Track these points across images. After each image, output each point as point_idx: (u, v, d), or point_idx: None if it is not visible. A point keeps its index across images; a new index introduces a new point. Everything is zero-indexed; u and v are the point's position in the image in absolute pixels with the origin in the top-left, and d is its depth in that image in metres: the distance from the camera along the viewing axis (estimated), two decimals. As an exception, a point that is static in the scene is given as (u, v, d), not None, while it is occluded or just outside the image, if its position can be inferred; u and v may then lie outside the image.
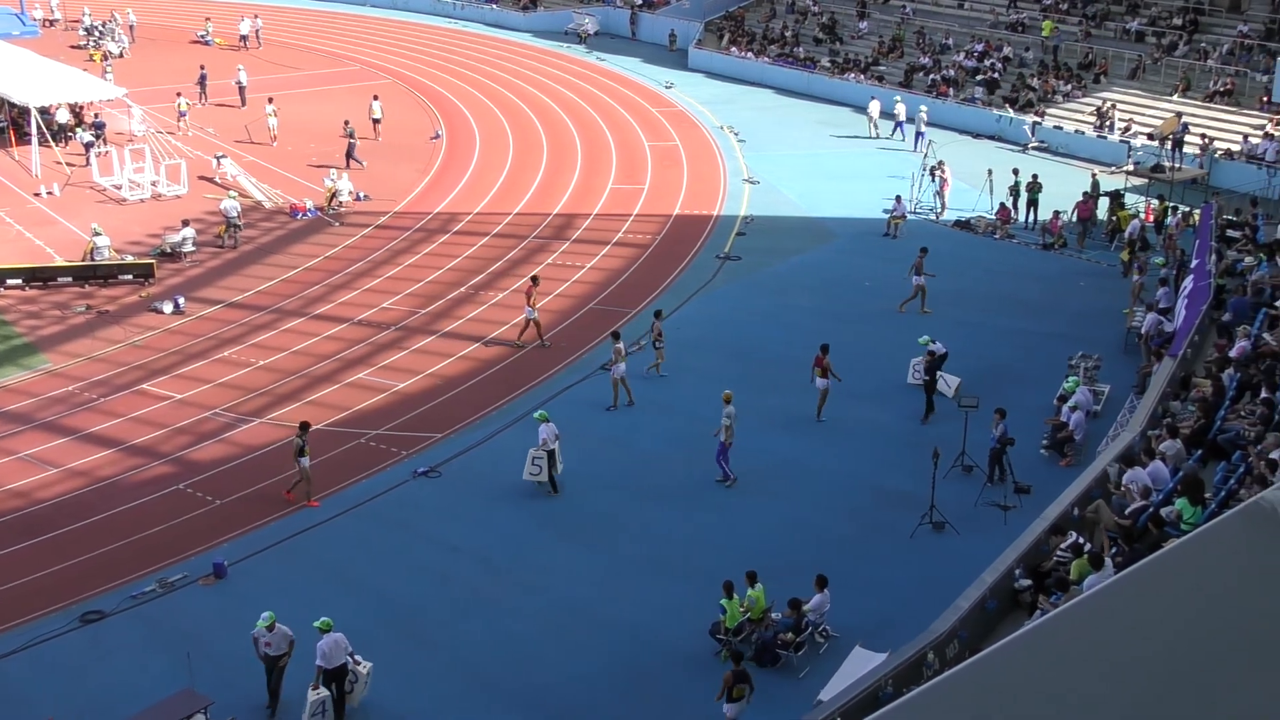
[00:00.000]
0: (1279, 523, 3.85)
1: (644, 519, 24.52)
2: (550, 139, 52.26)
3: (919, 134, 47.91)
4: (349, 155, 46.84)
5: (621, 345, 29.15)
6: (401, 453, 27.05)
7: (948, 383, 28.81)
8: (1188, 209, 39.15)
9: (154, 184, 44.05)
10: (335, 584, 22.45)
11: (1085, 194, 40.12)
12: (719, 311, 34.36)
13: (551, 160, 49.31)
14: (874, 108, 52.30)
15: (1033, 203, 40.85)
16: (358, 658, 19.36)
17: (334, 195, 42.58)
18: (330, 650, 18.82)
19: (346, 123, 48.03)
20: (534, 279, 33.31)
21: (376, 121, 51.60)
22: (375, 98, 52.77)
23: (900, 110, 51.73)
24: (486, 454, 27.05)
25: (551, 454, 25.24)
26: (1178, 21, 54.04)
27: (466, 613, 21.71)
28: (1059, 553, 19.64)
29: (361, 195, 43.60)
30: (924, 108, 49.84)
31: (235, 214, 39.50)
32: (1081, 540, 19.95)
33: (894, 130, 51.63)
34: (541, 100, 58.51)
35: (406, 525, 24.50)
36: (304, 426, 25.35)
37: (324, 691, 18.83)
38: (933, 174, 42.66)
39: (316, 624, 19.11)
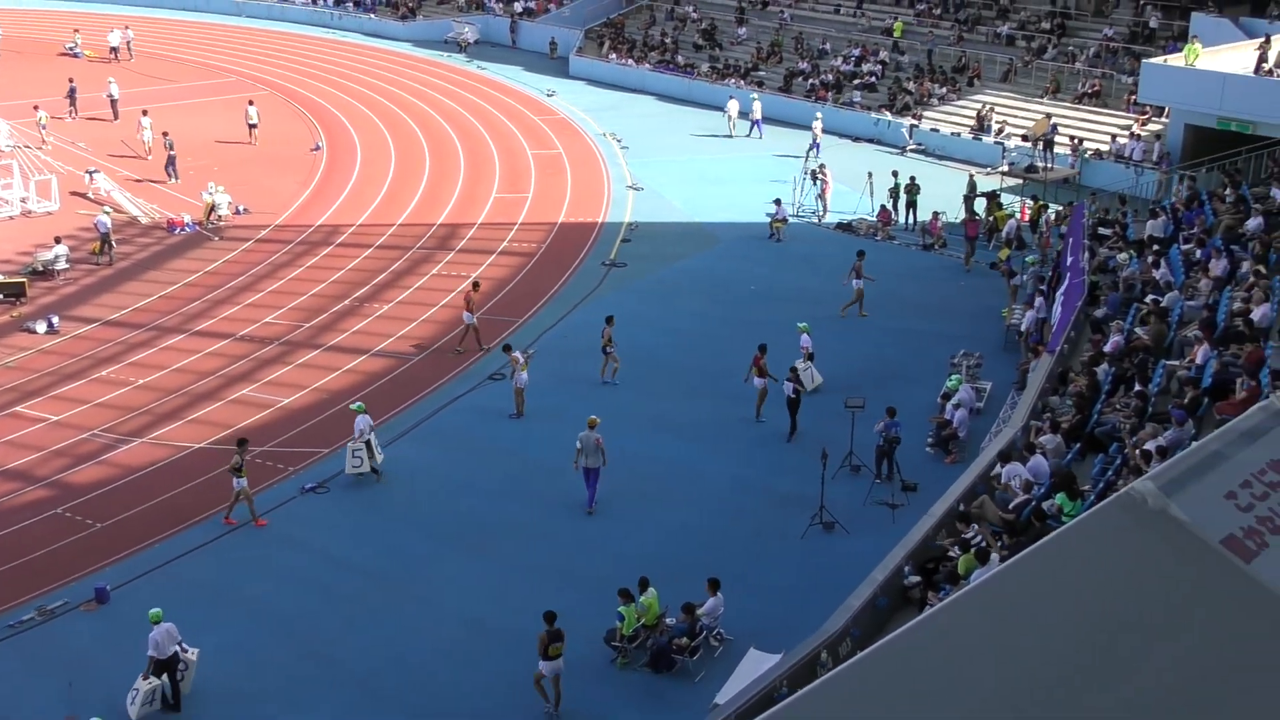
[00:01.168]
0: (1149, 511, 3.96)
1: (535, 528, 24.43)
2: (433, 149, 51.92)
3: (815, 143, 48.23)
4: (168, 166, 46.00)
5: (518, 354, 29.02)
6: (288, 469, 26.65)
7: (813, 377, 29.10)
8: (1060, 207, 40.09)
9: (23, 200, 42.91)
10: (223, 605, 22.06)
11: (969, 207, 40.66)
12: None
13: (434, 170, 48.99)
14: (732, 107, 53.64)
15: (911, 204, 41.51)
16: (185, 645, 19.70)
17: (212, 209, 41.82)
18: (162, 640, 19.21)
19: (165, 134, 46.86)
20: (475, 284, 33.30)
21: (253, 127, 51.07)
22: (250, 103, 52.29)
23: (757, 109, 52.97)
24: (375, 468, 26.80)
25: (369, 444, 25.80)
26: (1046, 26, 55.38)
27: (360, 628, 21.45)
28: (957, 549, 19.97)
29: (241, 209, 42.88)
30: (819, 114, 50.37)
31: (108, 230, 38.60)
32: (969, 535, 20.31)
33: (751, 129, 52.92)
34: (423, 110, 58.09)
35: (295, 542, 24.13)
36: (241, 443, 24.94)
37: (155, 681, 19.16)
38: (814, 177, 43.15)
39: (149, 615, 19.48)
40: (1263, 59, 42.03)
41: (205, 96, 59.24)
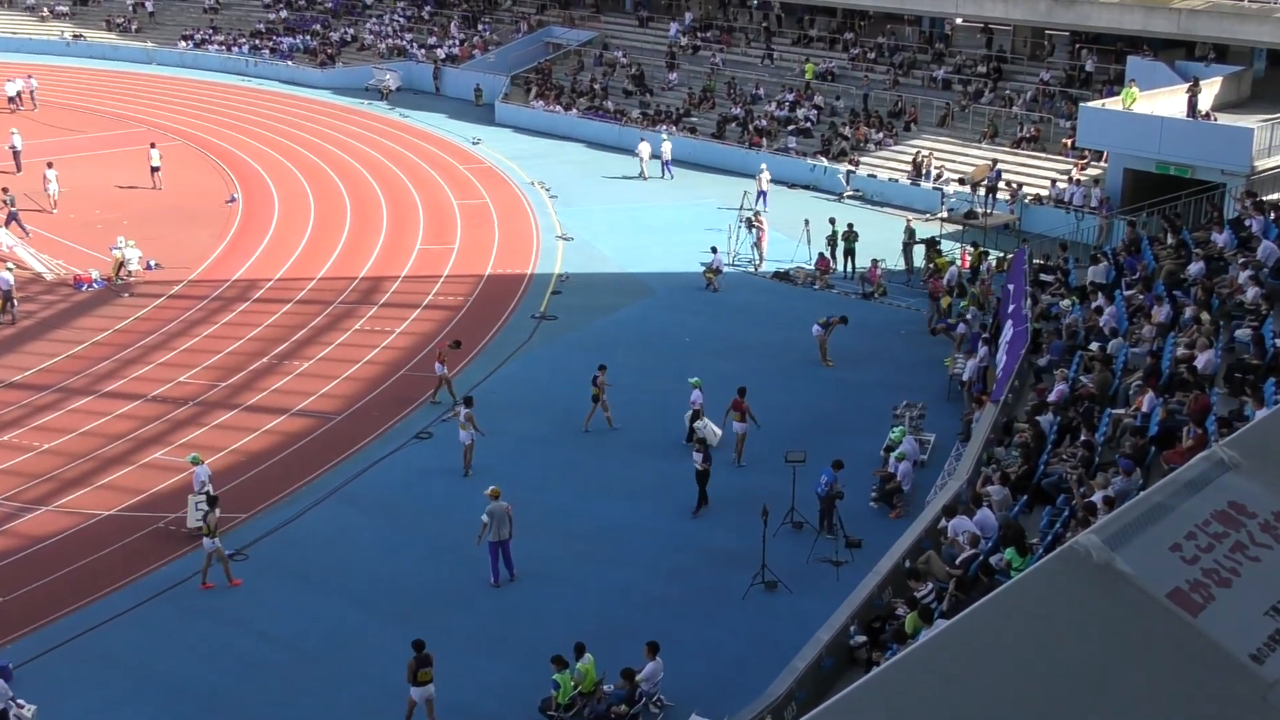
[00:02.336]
0: (1094, 566, 4.01)
1: (465, 593, 23.52)
2: (354, 200, 50.82)
3: (761, 192, 47.47)
4: (11, 221, 44.38)
5: (461, 412, 27.90)
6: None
7: (713, 431, 28.07)
8: (1001, 254, 39.77)
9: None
10: (135, 680, 21.08)
11: (908, 255, 40.40)
12: (537, 373, 33.51)
13: (356, 222, 47.89)
14: (643, 149, 53.53)
15: (850, 252, 40.90)
16: (20, 701, 19.10)
17: (122, 264, 40.40)
18: None
19: (5, 189, 45.32)
20: (456, 343, 32.64)
21: (155, 170, 50.05)
22: (153, 145, 51.33)
23: (667, 150, 53.18)
24: (296, 533, 25.76)
25: (208, 495, 24.75)
26: (982, 70, 55.38)
27: (282, 704, 20.56)
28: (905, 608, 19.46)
29: (153, 264, 41.44)
30: (764, 165, 49.76)
31: (10, 287, 37.09)
32: (922, 593, 19.71)
33: (662, 171, 53.15)
34: (343, 160, 56.98)
35: (213, 613, 23.09)
36: (213, 501, 23.97)
37: None
38: (749, 225, 42.54)
39: None
40: (1192, 102, 42.17)
41: (114, 147, 57.77)
